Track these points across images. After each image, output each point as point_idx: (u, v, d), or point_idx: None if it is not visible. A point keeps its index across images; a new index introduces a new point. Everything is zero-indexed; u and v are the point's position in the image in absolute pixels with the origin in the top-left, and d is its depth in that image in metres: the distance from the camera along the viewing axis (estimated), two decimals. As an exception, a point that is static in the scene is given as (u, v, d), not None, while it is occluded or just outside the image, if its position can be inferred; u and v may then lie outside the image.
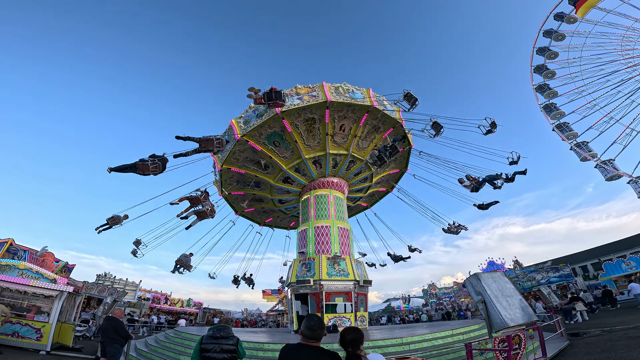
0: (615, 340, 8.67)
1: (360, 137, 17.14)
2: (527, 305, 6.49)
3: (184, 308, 40.15)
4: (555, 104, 25.27)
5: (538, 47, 25.70)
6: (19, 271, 11.64)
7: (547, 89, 25.32)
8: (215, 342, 4.21)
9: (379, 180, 20.73)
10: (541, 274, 28.90)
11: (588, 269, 38.43)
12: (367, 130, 17.03)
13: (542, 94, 25.42)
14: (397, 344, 9.24)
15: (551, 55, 25.21)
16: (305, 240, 17.17)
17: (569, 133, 24.29)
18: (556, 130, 24.66)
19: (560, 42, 25.16)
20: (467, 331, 11.16)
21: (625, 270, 24.10)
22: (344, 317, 14.46)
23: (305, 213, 18.28)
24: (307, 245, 16.89)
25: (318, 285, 14.64)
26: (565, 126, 24.63)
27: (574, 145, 24.09)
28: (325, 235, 16.83)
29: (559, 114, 24.91)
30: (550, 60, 25.48)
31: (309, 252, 16.49)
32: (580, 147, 23.91)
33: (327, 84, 15.76)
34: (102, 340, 6.96)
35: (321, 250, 16.35)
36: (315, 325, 2.60)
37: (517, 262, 34.26)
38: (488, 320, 6.29)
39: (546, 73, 25.30)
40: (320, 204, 17.90)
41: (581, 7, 22.47)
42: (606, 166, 22.91)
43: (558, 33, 24.73)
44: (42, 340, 11.06)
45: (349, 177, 18.96)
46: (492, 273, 7.07)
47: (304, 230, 17.57)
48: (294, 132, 16.09)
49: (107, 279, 33.49)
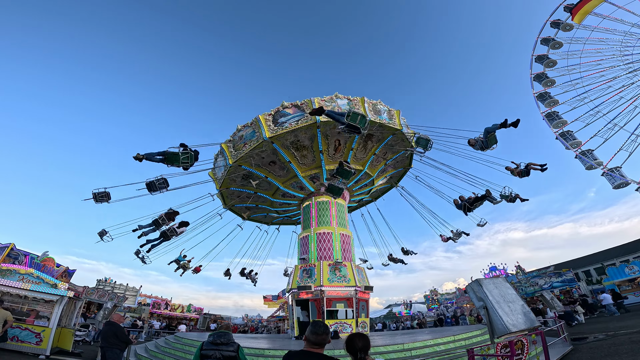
0: (619, 345, 8.58)
1: (357, 149, 16.85)
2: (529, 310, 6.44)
3: (184, 313, 40.01)
4: (557, 112, 25.12)
5: (537, 54, 25.79)
6: (20, 276, 11.65)
7: (548, 97, 25.24)
8: (216, 348, 4.16)
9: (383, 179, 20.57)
10: (544, 279, 28.68)
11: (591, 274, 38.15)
12: (363, 140, 16.56)
13: (543, 103, 25.36)
14: (399, 350, 9.18)
15: (550, 63, 25.26)
16: (307, 247, 17.20)
17: (573, 142, 23.98)
18: (560, 139, 24.44)
19: (558, 49, 25.25)
20: (469, 337, 11.08)
21: (628, 274, 23.94)
22: (345, 323, 14.38)
23: (307, 219, 18.31)
24: (309, 251, 16.91)
25: (319, 291, 14.59)
26: (569, 134, 24.34)
27: (579, 154, 23.77)
28: (327, 242, 16.82)
29: (562, 122, 24.72)
30: (550, 68, 25.52)
31: (310, 259, 16.47)
32: (585, 155, 23.60)
33: (317, 99, 14.79)
34: (102, 345, 6.93)
35: (323, 257, 16.35)
36: (320, 330, 2.60)
37: (520, 267, 34.05)
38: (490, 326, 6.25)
39: (546, 81, 25.29)
40: (321, 211, 17.92)
41: (577, 13, 22.56)
42: (613, 174, 22.57)
43: (555, 41, 24.82)
44: (42, 344, 11.04)
45: (349, 186, 18.91)
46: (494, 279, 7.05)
47: (306, 236, 17.60)
48: (286, 153, 15.88)
49: (107, 284, 33.45)
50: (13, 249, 14.20)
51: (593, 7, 22.21)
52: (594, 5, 22.11)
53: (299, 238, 18.34)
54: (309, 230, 17.49)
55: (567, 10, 23.38)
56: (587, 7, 22.08)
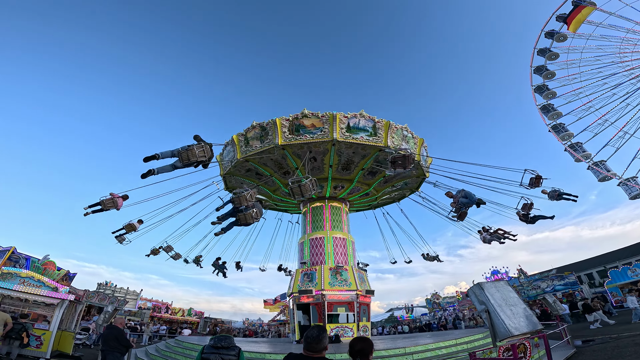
0: (622, 347, 8.52)
1: (367, 170, 16.28)
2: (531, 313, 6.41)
3: (185, 317, 39.91)
4: (563, 124, 24.97)
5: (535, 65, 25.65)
6: (21, 279, 11.65)
7: (551, 109, 25.18)
8: (217, 352, 4.17)
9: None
10: (546, 282, 28.51)
11: (594, 277, 37.99)
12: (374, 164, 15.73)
13: (547, 115, 25.18)
14: (400, 354, 9.13)
15: (548, 75, 25.08)
16: (303, 253, 17.33)
17: (565, 134, 24.13)
18: (552, 132, 24.54)
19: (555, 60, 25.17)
20: (471, 340, 11.02)
21: (631, 277, 23.86)
22: (346, 327, 14.33)
23: (304, 225, 18.45)
24: (304, 257, 17.05)
25: (320, 295, 14.55)
26: (562, 127, 24.50)
27: (568, 147, 23.94)
28: (320, 247, 16.82)
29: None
30: (549, 79, 25.42)
31: (309, 264, 16.48)
32: (575, 149, 23.75)
33: (338, 114, 13.87)
34: (102, 349, 6.93)
35: (317, 262, 16.33)
36: (310, 338, 2.52)
37: (522, 271, 33.91)
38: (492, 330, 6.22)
39: (547, 94, 25.15)
40: (315, 216, 18.03)
41: (572, 22, 22.54)
42: (598, 167, 22.82)
43: (552, 52, 24.76)
44: (42, 347, 11.03)
45: (350, 199, 18.95)
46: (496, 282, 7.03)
47: (302, 242, 17.77)
48: (295, 160, 15.41)
49: (108, 287, 33.36)
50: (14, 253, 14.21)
51: (587, 14, 22.17)
52: (586, 13, 22.05)
53: (298, 243, 18.43)
54: (304, 237, 17.72)
55: (561, 20, 23.45)
56: (580, 16, 22.05)
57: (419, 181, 18.61)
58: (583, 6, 21.79)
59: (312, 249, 16.91)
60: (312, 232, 17.52)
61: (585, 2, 21.87)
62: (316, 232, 17.41)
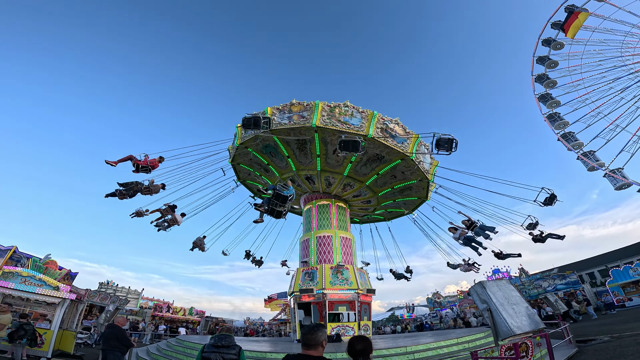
0: (624, 347, 8.48)
1: (359, 163, 15.97)
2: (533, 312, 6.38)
3: (186, 316, 39.99)
4: (559, 113, 24.98)
5: (538, 55, 25.66)
6: (22, 278, 11.68)
7: (549, 98, 25.12)
8: (217, 351, 4.17)
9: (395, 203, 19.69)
10: (547, 281, 28.46)
11: (595, 276, 37.85)
12: (366, 157, 15.33)
13: (545, 104, 25.24)
14: (402, 353, 9.11)
15: (551, 64, 25.10)
16: (308, 250, 17.16)
17: (575, 143, 23.87)
18: (562, 140, 24.31)
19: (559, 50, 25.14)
20: (473, 339, 11.00)
21: (632, 276, 23.85)
22: (347, 326, 14.31)
23: (308, 223, 18.29)
24: (309, 254, 16.88)
25: (321, 294, 14.53)
26: (571, 136, 24.23)
27: (581, 155, 23.68)
28: (328, 245, 16.76)
29: (563, 123, 24.57)
30: (551, 69, 25.39)
31: (311, 262, 16.43)
32: (587, 157, 23.49)
33: (322, 103, 13.92)
34: (103, 348, 6.93)
35: (323, 260, 16.28)
36: (305, 329, 2.55)
37: (523, 270, 33.81)
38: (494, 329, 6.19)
39: (547, 82, 25.15)
40: (322, 214, 17.90)
41: (570, 28, 22.43)
42: (615, 175, 22.46)
43: (557, 42, 24.72)
44: (43, 347, 11.04)
45: (348, 198, 18.79)
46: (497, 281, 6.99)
47: (307, 240, 17.61)
48: (286, 148, 15.43)
49: (109, 287, 33.43)
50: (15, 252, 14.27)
51: (584, 20, 21.98)
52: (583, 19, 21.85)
53: (301, 241, 18.30)
54: (309, 234, 17.50)
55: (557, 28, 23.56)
56: (577, 22, 21.86)
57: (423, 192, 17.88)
58: (578, 12, 21.73)
59: (319, 247, 16.80)
60: (318, 229, 17.41)
61: (578, 8, 21.84)
62: (323, 230, 17.29)
